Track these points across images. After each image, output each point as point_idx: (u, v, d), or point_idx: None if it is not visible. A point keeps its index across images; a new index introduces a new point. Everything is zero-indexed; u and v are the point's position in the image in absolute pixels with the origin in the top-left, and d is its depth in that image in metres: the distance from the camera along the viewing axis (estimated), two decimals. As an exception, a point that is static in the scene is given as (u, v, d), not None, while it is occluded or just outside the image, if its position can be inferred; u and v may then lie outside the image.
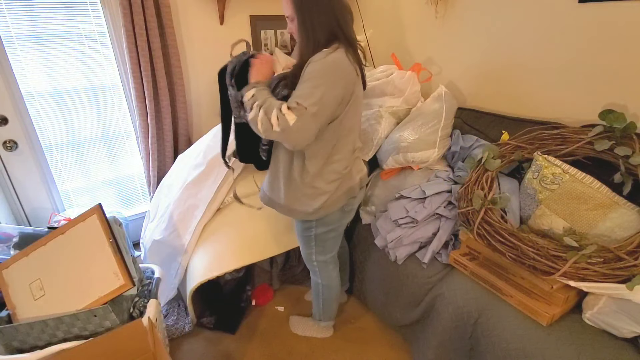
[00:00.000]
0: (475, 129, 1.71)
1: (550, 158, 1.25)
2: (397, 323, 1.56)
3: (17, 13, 1.59)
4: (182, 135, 2.10)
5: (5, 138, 1.68)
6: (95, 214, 1.16)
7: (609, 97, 1.38)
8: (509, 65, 1.67)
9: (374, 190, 1.73)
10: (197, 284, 1.52)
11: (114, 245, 1.13)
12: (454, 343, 1.29)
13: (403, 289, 1.50)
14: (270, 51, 2.36)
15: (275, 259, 1.85)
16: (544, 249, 1.10)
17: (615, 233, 1.12)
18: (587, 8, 1.36)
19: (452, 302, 1.29)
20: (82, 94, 1.85)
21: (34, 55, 1.67)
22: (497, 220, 1.23)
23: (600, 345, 1.03)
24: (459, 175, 1.56)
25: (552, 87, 1.54)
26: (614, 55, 1.33)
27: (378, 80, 1.77)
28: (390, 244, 1.48)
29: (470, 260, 1.33)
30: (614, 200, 1.11)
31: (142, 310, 1.17)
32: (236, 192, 1.52)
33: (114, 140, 2.02)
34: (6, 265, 1.14)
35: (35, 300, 1.10)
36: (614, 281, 1.01)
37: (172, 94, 2.00)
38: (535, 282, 1.14)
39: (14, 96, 1.65)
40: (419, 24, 2.01)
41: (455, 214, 1.45)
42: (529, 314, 1.14)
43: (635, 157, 1.13)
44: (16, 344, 1.06)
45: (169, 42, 1.88)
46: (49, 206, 1.89)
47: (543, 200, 1.24)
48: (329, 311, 1.62)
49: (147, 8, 1.74)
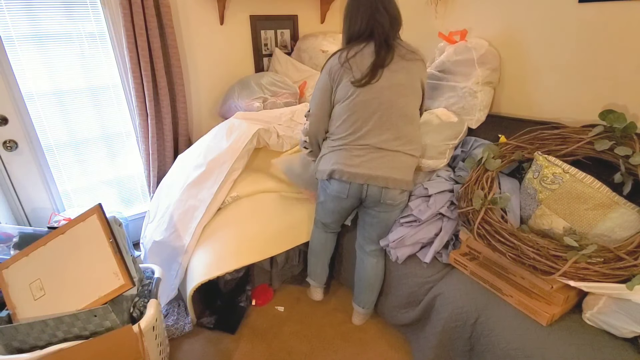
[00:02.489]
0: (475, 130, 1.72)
1: (551, 158, 1.25)
2: (397, 323, 1.56)
3: (17, 13, 1.59)
4: (182, 135, 2.10)
5: (5, 138, 1.68)
6: (95, 214, 1.16)
7: (609, 97, 1.38)
8: (508, 65, 1.67)
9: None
10: (197, 284, 1.52)
11: (114, 245, 1.13)
12: (454, 343, 1.29)
13: (403, 289, 1.50)
14: (270, 51, 2.36)
15: (275, 258, 1.85)
16: (544, 249, 1.10)
17: (616, 233, 1.12)
18: (587, 8, 1.36)
19: (452, 302, 1.29)
20: (82, 94, 1.85)
21: (34, 55, 1.67)
22: (497, 220, 1.23)
23: (600, 345, 1.03)
24: (460, 175, 1.56)
25: (552, 87, 1.54)
26: (614, 55, 1.33)
27: (437, 67, 1.81)
28: (392, 243, 1.48)
29: (470, 260, 1.33)
30: (614, 200, 1.11)
31: (142, 310, 1.17)
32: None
33: (114, 140, 2.02)
34: (6, 265, 1.14)
35: (35, 300, 1.10)
36: (614, 281, 1.01)
37: (172, 94, 2.00)
38: (535, 282, 1.14)
39: (14, 96, 1.65)
40: (419, 24, 2.01)
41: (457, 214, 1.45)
42: (528, 314, 1.14)
43: (635, 157, 1.13)
44: (16, 344, 1.06)
45: (169, 42, 1.88)
46: (49, 206, 1.89)
47: (543, 200, 1.24)
48: (309, 264, 1.79)
49: (147, 8, 1.74)
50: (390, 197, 1.40)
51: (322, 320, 1.77)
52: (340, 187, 1.42)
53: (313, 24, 2.49)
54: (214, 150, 1.75)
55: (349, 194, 1.43)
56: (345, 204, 1.49)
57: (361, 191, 1.40)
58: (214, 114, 2.25)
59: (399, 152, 1.38)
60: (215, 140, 1.81)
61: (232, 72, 2.23)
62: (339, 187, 1.43)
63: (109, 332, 1.05)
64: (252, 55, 2.30)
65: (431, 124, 1.69)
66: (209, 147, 1.78)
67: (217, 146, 1.77)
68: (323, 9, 2.46)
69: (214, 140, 1.81)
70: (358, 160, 1.37)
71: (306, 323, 1.75)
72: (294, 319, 1.77)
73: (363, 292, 1.63)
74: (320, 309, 1.83)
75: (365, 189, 1.39)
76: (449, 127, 1.66)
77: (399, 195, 1.41)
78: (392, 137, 1.37)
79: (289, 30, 2.40)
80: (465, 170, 1.54)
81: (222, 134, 1.82)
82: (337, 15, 2.56)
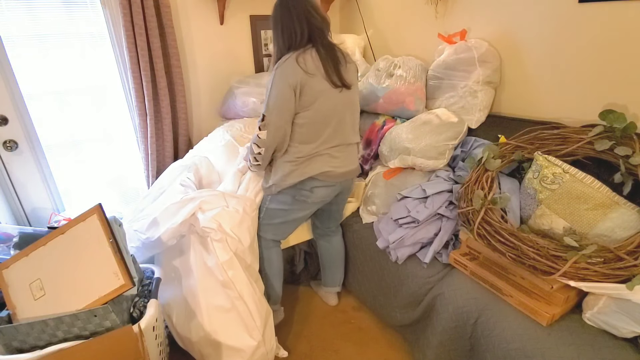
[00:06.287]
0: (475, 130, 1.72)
1: (551, 158, 1.25)
2: (397, 323, 1.56)
3: (17, 13, 1.59)
4: (181, 135, 2.10)
5: (5, 138, 1.68)
6: (95, 214, 1.16)
7: (609, 97, 1.37)
8: (508, 65, 1.67)
9: (375, 190, 1.73)
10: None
11: (114, 245, 1.12)
12: (454, 343, 1.29)
13: (403, 289, 1.50)
14: (270, 51, 2.36)
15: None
16: (544, 249, 1.10)
17: (616, 233, 1.12)
18: (587, 8, 1.36)
19: (452, 302, 1.29)
20: (82, 94, 1.85)
21: (34, 55, 1.67)
22: (497, 220, 1.23)
23: (600, 345, 1.03)
24: (460, 175, 1.56)
25: (552, 87, 1.54)
26: (614, 55, 1.33)
27: (437, 67, 1.82)
28: (392, 244, 1.48)
29: (470, 260, 1.33)
30: (614, 200, 1.11)
31: (142, 311, 1.17)
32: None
33: (113, 140, 2.02)
34: (6, 265, 1.14)
35: (35, 300, 1.09)
36: (614, 281, 1.01)
37: (171, 94, 2.00)
38: (535, 282, 1.14)
39: (14, 96, 1.65)
40: (419, 24, 2.01)
41: (457, 214, 1.45)
42: (529, 314, 1.14)
43: (635, 157, 1.13)
44: (16, 344, 1.06)
45: (169, 42, 1.88)
46: (49, 206, 1.89)
47: (543, 200, 1.24)
48: (270, 290, 1.61)
49: (147, 8, 1.74)
50: (352, 184, 1.60)
51: (322, 320, 1.77)
52: (326, 191, 1.46)
53: (313, 24, 2.49)
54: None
55: (332, 195, 1.50)
56: (322, 204, 1.54)
57: (340, 187, 1.51)
58: (213, 113, 2.25)
59: (355, 145, 1.53)
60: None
61: (232, 72, 2.23)
62: (325, 192, 1.45)
63: (109, 332, 1.05)
64: (252, 55, 2.30)
65: (431, 124, 1.69)
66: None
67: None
68: (323, 8, 2.45)
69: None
70: (338, 161, 1.43)
71: (306, 323, 1.75)
72: (294, 319, 1.77)
73: (336, 271, 1.79)
74: (320, 309, 1.83)
75: (342, 185, 1.51)
76: (449, 127, 1.66)
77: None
78: (351, 131, 1.48)
79: (289, 30, 2.40)
80: (465, 170, 1.54)
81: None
82: (337, 15, 2.56)
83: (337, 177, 1.44)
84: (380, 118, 1.96)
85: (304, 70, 1.29)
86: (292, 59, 1.30)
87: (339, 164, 1.43)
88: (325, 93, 1.34)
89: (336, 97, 1.37)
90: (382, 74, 1.92)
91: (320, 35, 1.35)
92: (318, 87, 1.32)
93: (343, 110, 1.41)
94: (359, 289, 1.78)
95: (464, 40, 1.73)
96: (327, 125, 1.38)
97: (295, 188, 1.42)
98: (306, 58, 1.31)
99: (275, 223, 1.53)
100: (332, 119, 1.38)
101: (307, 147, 1.38)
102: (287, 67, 1.30)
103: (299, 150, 1.38)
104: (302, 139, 1.38)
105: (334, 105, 1.37)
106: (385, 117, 1.95)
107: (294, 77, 1.29)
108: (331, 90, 1.35)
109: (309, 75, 1.30)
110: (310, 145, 1.38)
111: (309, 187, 1.41)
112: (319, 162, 1.40)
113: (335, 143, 1.42)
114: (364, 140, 1.98)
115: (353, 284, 1.81)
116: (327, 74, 1.33)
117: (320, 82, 1.33)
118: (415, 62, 1.90)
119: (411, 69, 1.87)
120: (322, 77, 1.33)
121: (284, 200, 1.46)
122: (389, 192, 1.68)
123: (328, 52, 1.35)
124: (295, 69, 1.29)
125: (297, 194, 1.43)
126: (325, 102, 1.35)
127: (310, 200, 1.45)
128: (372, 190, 1.75)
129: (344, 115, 1.42)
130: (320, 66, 1.32)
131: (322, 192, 1.44)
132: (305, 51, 1.33)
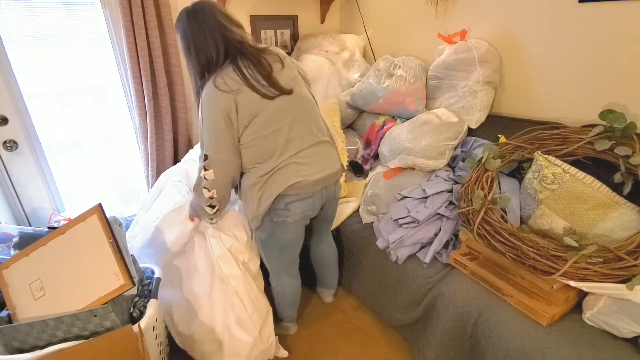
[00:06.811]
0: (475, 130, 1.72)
1: (551, 158, 1.25)
2: (397, 323, 1.56)
3: (17, 13, 1.59)
4: (181, 135, 2.10)
5: (5, 138, 1.68)
6: (95, 214, 1.16)
7: (609, 97, 1.38)
8: (508, 65, 1.67)
9: (375, 190, 1.73)
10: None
11: (114, 245, 1.12)
12: (454, 343, 1.29)
13: (403, 289, 1.50)
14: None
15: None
16: (544, 249, 1.10)
17: (616, 233, 1.12)
18: (587, 8, 1.36)
19: (452, 302, 1.29)
20: (82, 94, 1.85)
21: (34, 55, 1.67)
22: (497, 220, 1.23)
23: (600, 345, 1.03)
24: (460, 175, 1.56)
25: (552, 87, 1.54)
26: (614, 55, 1.33)
27: (437, 67, 1.81)
28: (392, 244, 1.48)
29: (470, 260, 1.33)
30: (614, 200, 1.11)
31: (142, 310, 1.17)
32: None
33: (113, 140, 2.02)
34: (6, 265, 1.14)
35: (35, 300, 1.09)
36: (614, 281, 1.01)
37: (171, 93, 2.00)
38: (535, 282, 1.14)
39: (14, 96, 1.65)
40: (419, 24, 2.01)
41: (457, 214, 1.45)
42: (529, 314, 1.14)
43: (635, 157, 1.13)
44: (16, 344, 1.06)
45: (169, 42, 1.88)
46: (49, 206, 1.88)
47: (543, 200, 1.24)
48: (283, 313, 1.62)
49: (147, 8, 1.74)
50: (339, 189, 1.46)
51: (322, 320, 1.77)
52: (304, 205, 1.30)
53: (313, 24, 2.49)
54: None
55: (314, 207, 1.35)
56: (307, 219, 1.40)
57: (322, 197, 1.35)
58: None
59: (325, 142, 1.35)
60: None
61: (232, 72, 2.23)
62: (303, 206, 1.30)
63: (109, 332, 1.05)
64: (252, 55, 2.30)
65: (431, 124, 1.69)
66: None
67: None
68: (323, 9, 2.46)
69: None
70: (309, 168, 1.27)
71: (306, 323, 1.75)
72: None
73: (331, 273, 1.76)
74: (320, 309, 1.83)
75: (324, 194, 1.36)
76: (449, 127, 1.66)
77: (339, 185, 1.46)
78: (314, 129, 1.32)
79: (289, 30, 2.40)
80: (465, 170, 1.54)
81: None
82: (337, 16, 2.57)
83: (311, 187, 1.28)
84: (380, 118, 1.96)
85: (227, 92, 1.17)
86: (211, 86, 1.18)
87: (310, 171, 1.27)
88: (260, 103, 1.21)
89: (276, 103, 1.23)
90: (382, 74, 1.92)
91: (240, 48, 1.21)
92: (249, 100, 1.19)
93: (291, 112, 1.26)
94: (359, 289, 1.78)
95: (464, 40, 1.74)
96: (278, 135, 1.24)
97: (270, 211, 1.28)
98: (225, 78, 1.18)
99: (273, 255, 1.44)
100: (281, 126, 1.24)
101: (266, 165, 1.25)
102: (209, 96, 1.19)
103: (258, 169, 1.26)
104: (257, 158, 1.25)
105: (276, 111, 1.23)
106: (385, 117, 1.95)
107: (222, 102, 1.17)
108: (277, 98, 1.23)
109: (235, 93, 1.18)
110: (269, 162, 1.24)
111: (283, 205, 1.27)
112: (284, 175, 1.24)
113: (296, 150, 1.26)
114: (364, 140, 1.98)
115: (353, 284, 1.81)
116: (253, 89, 1.19)
117: (250, 95, 1.20)
118: (415, 62, 1.90)
119: (411, 69, 1.87)
120: (251, 90, 1.20)
121: (265, 228, 1.34)
122: (389, 192, 1.68)
123: (252, 63, 1.21)
124: (219, 95, 1.17)
125: (273, 215, 1.30)
126: (264, 112, 1.21)
127: (290, 219, 1.30)
128: (372, 190, 1.75)
129: (295, 117, 1.27)
130: (243, 82, 1.19)
131: (300, 206, 1.29)
132: (223, 70, 1.20)
